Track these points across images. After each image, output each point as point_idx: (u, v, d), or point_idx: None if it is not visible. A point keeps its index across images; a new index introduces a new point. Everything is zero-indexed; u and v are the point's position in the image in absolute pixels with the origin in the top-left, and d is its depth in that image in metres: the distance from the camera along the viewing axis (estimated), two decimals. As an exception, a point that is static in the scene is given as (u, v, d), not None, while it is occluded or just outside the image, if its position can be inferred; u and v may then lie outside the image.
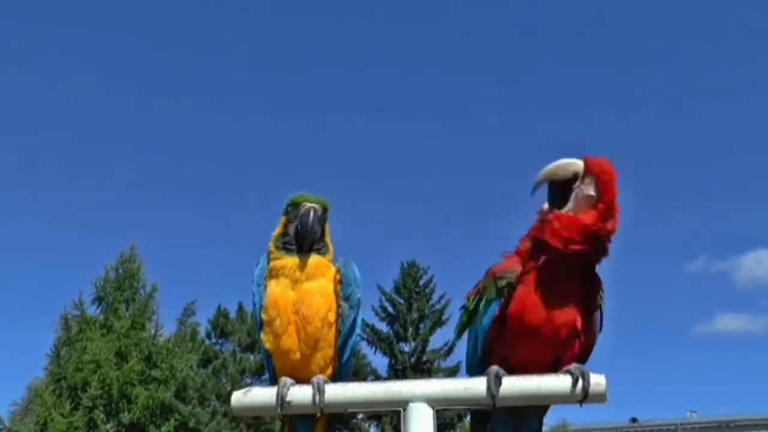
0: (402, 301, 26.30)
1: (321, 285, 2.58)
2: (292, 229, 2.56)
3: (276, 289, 2.56)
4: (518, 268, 2.44)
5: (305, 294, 2.55)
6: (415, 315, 26.06)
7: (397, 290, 26.48)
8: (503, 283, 2.44)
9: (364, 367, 24.96)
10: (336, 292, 2.60)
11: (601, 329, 2.54)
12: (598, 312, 2.51)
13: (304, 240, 2.54)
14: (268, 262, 2.62)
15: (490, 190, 41.53)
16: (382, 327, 26.34)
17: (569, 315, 2.42)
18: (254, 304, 2.65)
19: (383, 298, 26.38)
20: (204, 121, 40.45)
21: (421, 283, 26.61)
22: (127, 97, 39.48)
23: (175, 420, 20.39)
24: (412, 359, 25.55)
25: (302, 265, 2.56)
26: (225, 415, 22.20)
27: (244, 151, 40.26)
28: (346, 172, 39.54)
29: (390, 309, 26.34)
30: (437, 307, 26.30)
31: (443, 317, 26.01)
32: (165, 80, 39.56)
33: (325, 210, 2.61)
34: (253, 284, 2.65)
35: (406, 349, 26.03)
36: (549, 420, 2.68)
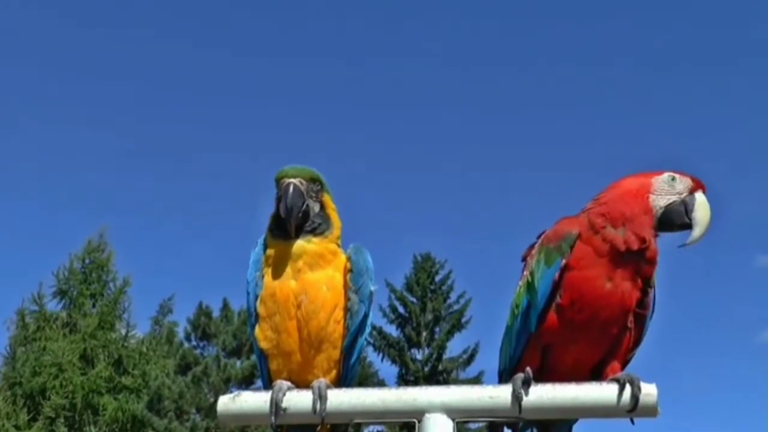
0: (414, 300, 26.37)
1: (328, 275, 2.61)
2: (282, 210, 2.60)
3: (275, 278, 2.60)
4: (576, 230, 2.53)
5: (309, 285, 2.58)
6: (429, 316, 26.14)
7: (408, 287, 26.55)
8: (566, 246, 2.51)
9: (371, 377, 25.08)
10: (345, 284, 2.62)
11: (645, 331, 2.61)
12: (650, 297, 2.58)
13: (287, 222, 2.57)
14: (266, 248, 2.65)
15: (517, 174, 41.42)
16: (392, 330, 26.44)
17: (627, 299, 2.49)
18: (248, 294, 2.68)
19: (393, 297, 26.46)
20: (188, 91, 40.43)
21: (436, 279, 26.66)
22: (94, 56, 39.54)
23: (148, 435, 20.62)
24: (426, 368, 25.66)
25: (305, 252, 2.59)
26: (206, 430, 22.41)
27: (237, 123, 40.26)
28: (349, 149, 39.55)
29: (401, 309, 26.42)
30: (455, 307, 26.36)
31: (463, 319, 26.07)
32: (139, 44, 39.54)
33: (313, 181, 2.64)
34: (248, 271, 2.68)
35: (419, 356, 26.13)
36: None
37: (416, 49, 40.13)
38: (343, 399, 2.44)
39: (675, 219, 2.53)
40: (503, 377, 2.69)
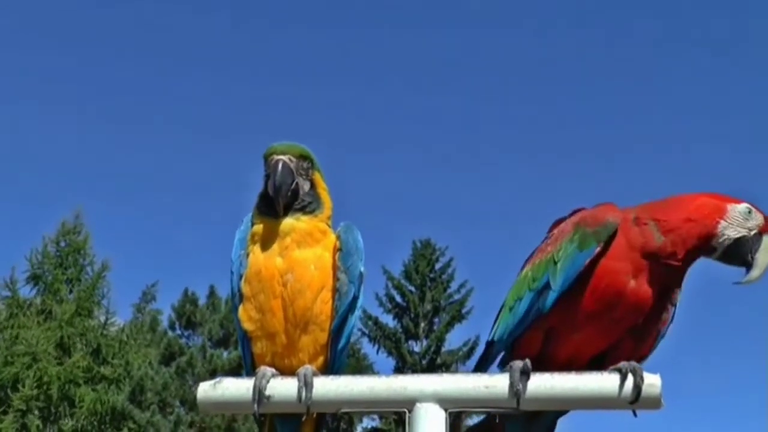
0: (413, 289, 26.43)
1: (316, 254, 2.65)
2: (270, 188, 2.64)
3: (260, 256, 2.64)
4: (617, 220, 2.55)
5: (296, 263, 2.61)
6: (428, 307, 26.21)
7: (407, 275, 26.60)
8: (605, 233, 2.52)
9: (365, 369, 25.23)
10: (334, 264, 2.66)
11: (661, 337, 2.65)
12: (669, 313, 2.63)
13: (275, 200, 2.62)
14: (252, 225, 2.70)
15: (522, 160, 41.44)
16: (388, 320, 26.51)
17: (645, 301, 2.53)
18: (232, 274, 2.72)
19: (390, 285, 26.52)
20: (174, 65, 40.25)
21: (436, 267, 26.71)
22: (70, 31, 39.34)
23: (129, 429, 20.73)
24: (424, 361, 25.75)
25: (293, 229, 2.63)
26: (191, 425, 22.53)
27: (229, 92, 40.11)
28: (347, 130, 39.47)
29: (398, 299, 26.49)
30: (456, 297, 26.42)
31: (463, 310, 26.14)
32: (117, 14, 39.23)
33: (303, 158, 2.68)
34: (233, 250, 2.73)
35: (417, 348, 26.22)
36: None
37: (420, 28, 40.05)
38: (330, 387, 2.46)
39: (742, 254, 2.54)
40: (492, 348, 2.72)
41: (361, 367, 24.79)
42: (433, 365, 25.47)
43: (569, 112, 39.75)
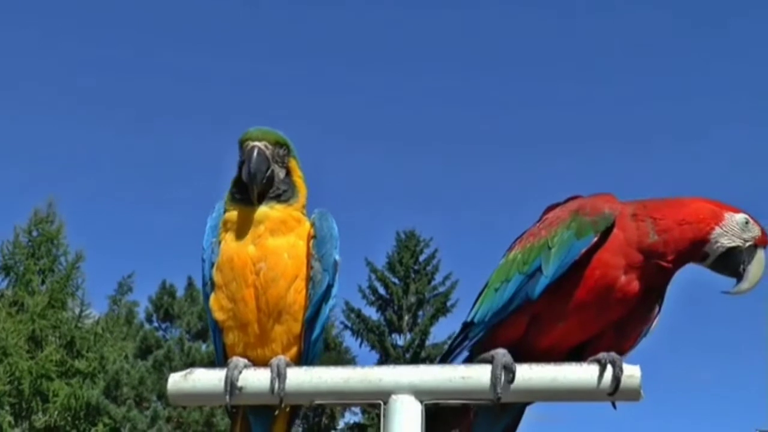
0: (396, 281, 26.51)
1: (290, 242, 2.65)
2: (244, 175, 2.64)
3: (232, 244, 2.64)
4: (615, 212, 2.56)
5: (269, 252, 2.62)
6: (412, 299, 26.30)
7: (390, 267, 26.67)
8: (602, 224, 2.53)
9: (347, 363, 25.27)
10: (308, 252, 2.67)
11: (644, 335, 2.66)
12: (655, 312, 2.64)
13: (250, 188, 2.62)
14: (225, 212, 2.71)
15: (511, 149, 41.56)
16: (371, 313, 26.62)
17: (632, 297, 2.55)
18: (203, 262, 2.72)
19: (373, 277, 26.61)
20: (148, 46, 39.97)
21: (421, 259, 26.80)
22: (44, 7, 38.95)
23: (104, 425, 20.68)
24: (408, 355, 25.87)
25: (267, 218, 2.63)
26: (168, 420, 22.51)
27: (206, 76, 39.88)
28: (329, 115, 39.39)
29: (381, 291, 26.57)
30: (441, 289, 26.56)
31: (448, 303, 26.28)
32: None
33: (279, 145, 2.68)
34: (204, 237, 2.73)
35: (401, 342, 26.33)
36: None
37: (406, 12, 39.99)
38: (303, 378, 2.46)
39: (732, 264, 2.56)
40: (470, 329, 2.71)
41: (342, 360, 24.84)
42: (417, 359, 25.56)
43: (555, 102, 39.91)
